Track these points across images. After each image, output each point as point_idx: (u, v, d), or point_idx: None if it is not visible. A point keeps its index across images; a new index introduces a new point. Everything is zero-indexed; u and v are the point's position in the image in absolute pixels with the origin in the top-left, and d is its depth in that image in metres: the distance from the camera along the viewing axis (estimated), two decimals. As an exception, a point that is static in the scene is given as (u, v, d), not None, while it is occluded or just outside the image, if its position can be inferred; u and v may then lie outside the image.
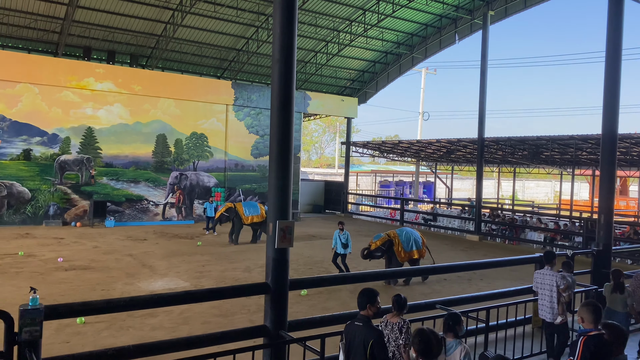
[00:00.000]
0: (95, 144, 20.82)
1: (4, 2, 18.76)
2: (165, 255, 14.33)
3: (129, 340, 7.30)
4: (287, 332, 5.33)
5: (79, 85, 20.12)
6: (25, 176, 19.41)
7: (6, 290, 9.91)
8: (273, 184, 5.50)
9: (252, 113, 24.79)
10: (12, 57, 19.10)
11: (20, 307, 4.11)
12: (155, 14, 21.23)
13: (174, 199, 22.67)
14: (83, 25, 20.58)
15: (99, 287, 10.33)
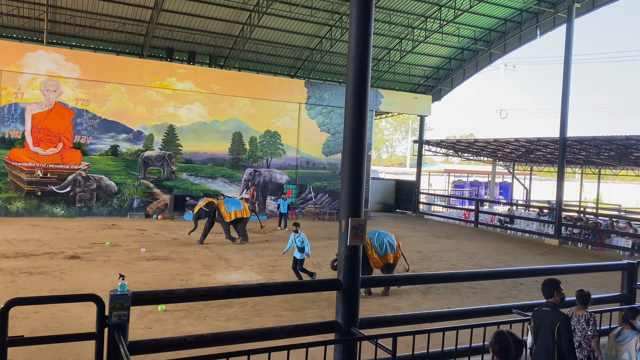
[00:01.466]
0: (176, 141, 21.85)
1: (95, 7, 20.10)
2: (239, 249, 14.79)
3: (206, 329, 7.63)
4: (358, 329, 5.35)
5: (162, 85, 21.20)
6: (112, 171, 20.73)
7: (95, 277, 10.64)
8: (346, 182, 5.53)
9: (324, 111, 25.00)
10: (103, 59, 20.45)
11: (110, 293, 4.40)
12: (234, 15, 21.93)
13: (248, 195, 23.34)
14: (166, 27, 21.64)
15: (179, 277, 10.84)
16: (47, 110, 19.50)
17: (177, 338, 4.67)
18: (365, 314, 6.79)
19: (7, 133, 18.92)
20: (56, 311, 8.05)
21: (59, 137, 19.74)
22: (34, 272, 10.65)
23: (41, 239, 14.78)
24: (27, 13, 19.61)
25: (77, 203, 19.97)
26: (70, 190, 19.87)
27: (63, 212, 19.70)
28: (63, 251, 13.05)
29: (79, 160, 20.04)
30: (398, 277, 6.42)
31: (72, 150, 19.95)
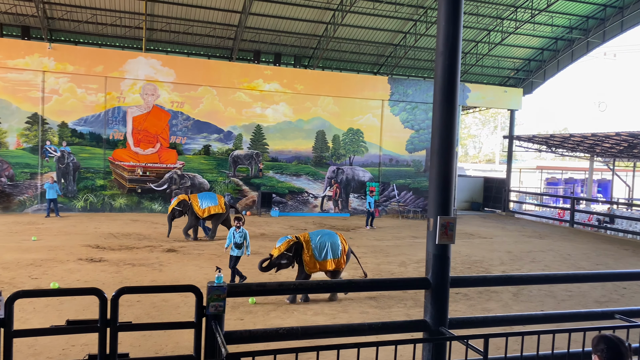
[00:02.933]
0: (263, 140, 22.56)
1: (189, 14, 21.20)
2: (324, 245, 14.98)
3: (294, 322, 7.83)
4: (447, 329, 5.26)
5: (250, 86, 21.97)
6: (205, 169, 21.80)
7: (190, 269, 11.25)
8: (434, 179, 5.44)
9: (408, 107, 24.67)
10: (195, 63, 21.55)
11: (207, 284, 4.64)
12: (318, 15, 22.22)
13: (331, 192, 23.58)
14: (253, 30, 22.37)
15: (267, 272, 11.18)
16: (145, 113, 20.89)
17: (269, 330, 4.84)
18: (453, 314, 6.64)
19: (111, 135, 20.50)
20: (157, 301, 8.62)
21: (157, 138, 21.08)
22: (136, 264, 11.47)
23: (141, 233, 15.87)
24: (128, 23, 21.08)
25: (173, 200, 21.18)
26: (167, 187, 21.16)
27: (160, 208, 21.01)
28: (161, 244, 13.93)
29: (174, 160, 21.29)
30: (490, 278, 6.22)
31: (169, 150, 21.23)
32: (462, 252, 14.69)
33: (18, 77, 19.28)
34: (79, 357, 6.08)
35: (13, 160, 19.46)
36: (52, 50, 19.44)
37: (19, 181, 19.50)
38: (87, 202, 20.22)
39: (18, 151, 19.55)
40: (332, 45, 23.84)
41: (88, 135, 20.28)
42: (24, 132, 19.55)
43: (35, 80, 19.47)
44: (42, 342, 6.54)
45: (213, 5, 20.87)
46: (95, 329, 4.39)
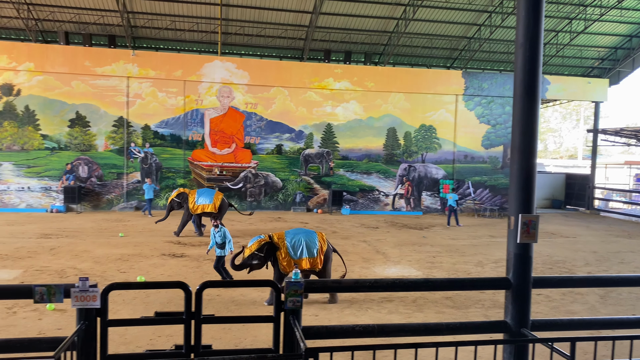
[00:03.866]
0: (333, 138, 22.69)
1: (262, 17, 21.70)
2: (396, 243, 14.87)
3: (368, 320, 7.84)
4: (529, 331, 5.06)
5: (320, 85, 22.17)
6: (277, 168, 22.26)
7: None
8: (515, 176, 5.25)
9: (483, 102, 23.88)
10: (268, 64, 22.04)
11: (285, 280, 4.75)
12: (388, 11, 22.02)
13: (403, 190, 23.30)
14: (324, 30, 22.54)
15: (340, 269, 11.26)
16: (222, 115, 21.64)
17: (346, 326, 4.87)
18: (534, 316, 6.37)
19: (190, 136, 21.43)
20: (235, 295, 8.92)
21: (232, 139, 21.78)
22: (214, 260, 11.90)
23: (219, 230, 16.46)
24: (204, 28, 21.92)
25: (248, 198, 21.84)
26: (242, 186, 21.83)
27: (236, 205, 21.69)
28: (237, 241, 14.37)
29: (249, 159, 21.91)
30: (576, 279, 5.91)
31: (244, 150, 21.88)
32: (543, 251, 14.04)
33: (105, 83, 20.61)
34: (165, 347, 6.42)
35: (101, 161, 20.83)
36: (136, 57, 20.61)
37: (107, 181, 20.84)
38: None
39: (106, 153, 20.89)
40: (403, 41, 23.54)
41: (169, 137, 21.31)
42: (111, 134, 20.87)
43: (121, 86, 20.72)
44: (132, 331, 6.97)
45: (284, 7, 21.24)
46: (180, 320, 4.62)
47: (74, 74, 20.25)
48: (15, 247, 12.80)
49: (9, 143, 20.12)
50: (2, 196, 20.02)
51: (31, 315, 7.72)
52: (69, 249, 12.77)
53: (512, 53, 25.16)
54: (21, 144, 20.20)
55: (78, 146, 20.63)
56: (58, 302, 4.55)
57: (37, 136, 20.33)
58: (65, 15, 20.78)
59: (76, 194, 20.00)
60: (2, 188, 20.03)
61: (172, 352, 4.66)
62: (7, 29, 21.31)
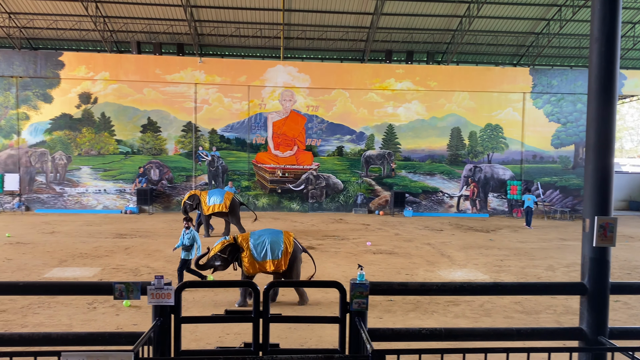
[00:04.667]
0: (395, 139, 22.50)
1: (323, 20, 21.88)
2: (462, 246, 14.53)
3: (434, 323, 7.71)
4: (607, 339, 4.81)
5: (382, 86, 22.06)
6: (338, 170, 22.34)
7: (328, 266, 11.61)
8: (590, 176, 5.01)
9: (553, 100, 22.88)
10: (329, 67, 22.19)
11: (350, 281, 4.77)
12: (451, 9, 21.59)
13: (468, 192, 22.73)
14: (385, 30, 22.42)
15: (403, 272, 11.16)
16: (284, 118, 22.01)
17: (412, 329, 4.83)
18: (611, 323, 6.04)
19: (254, 139, 21.94)
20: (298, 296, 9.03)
21: (294, 141, 22.09)
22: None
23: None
24: (267, 33, 22.39)
25: (310, 199, 22.07)
26: (304, 187, 22.09)
27: (298, 207, 21.99)
28: (301, 242, 14.56)
29: (310, 161, 22.14)
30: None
31: (305, 152, 22.14)
32: (620, 256, 13.26)
33: (175, 90, 21.50)
34: (233, 344, 6.62)
35: (172, 164, 21.73)
36: (203, 64, 21.36)
37: (177, 183, 21.72)
38: (234, 202, 21.84)
39: (175, 156, 21.78)
40: (467, 39, 22.99)
41: (234, 141, 21.92)
42: (180, 139, 21.73)
43: (189, 92, 21.54)
44: (202, 328, 7.23)
45: (345, 9, 21.31)
46: (249, 319, 4.75)
47: (146, 81, 21.27)
48: (93, 246, 13.60)
49: (87, 148, 21.41)
50: (81, 198, 21.33)
51: (109, 310, 8.18)
52: (142, 248, 13.41)
53: (584, 48, 23.95)
54: (98, 148, 21.45)
55: (150, 150, 21.63)
56: (135, 298, 4.81)
57: (112, 141, 21.51)
58: (137, 26, 21.86)
59: (148, 196, 20.99)
60: (81, 190, 21.33)
61: (241, 350, 4.80)
62: (86, 41, 22.70)
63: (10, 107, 21.04)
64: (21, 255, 12.25)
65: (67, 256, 12.25)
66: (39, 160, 21.26)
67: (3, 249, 12.98)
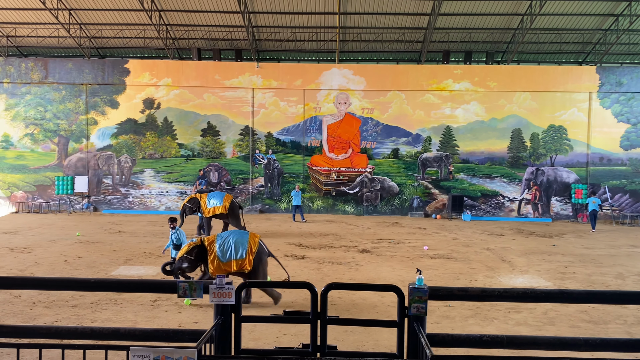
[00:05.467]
0: (452, 141, 22.06)
1: (378, 22, 21.79)
2: (523, 252, 14.04)
3: (494, 330, 7.49)
4: (686, 354, 4.51)
5: (439, 87, 21.70)
6: (393, 172, 22.15)
7: (384, 270, 11.53)
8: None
9: (622, 99, 21.73)
10: (384, 69, 22.06)
11: (409, 285, 4.72)
12: (512, 7, 20.94)
13: (530, 195, 21.95)
14: (443, 31, 22.04)
15: (462, 277, 10.92)
16: (338, 121, 22.08)
17: (473, 336, 4.71)
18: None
19: (309, 142, 22.13)
20: (355, 298, 9.03)
21: (349, 144, 22.11)
22: (334, 262, 12.17)
23: (337, 233, 16.79)
24: (323, 37, 22.54)
25: (364, 202, 22.00)
26: (359, 190, 22.05)
27: (353, 210, 21.97)
28: (356, 245, 14.55)
29: (365, 164, 22.08)
30: None
31: (360, 155, 22.10)
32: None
33: (233, 94, 22.04)
34: (290, 345, 6.69)
35: (230, 167, 22.27)
36: (260, 69, 21.79)
37: (235, 185, 22.24)
38: (290, 204, 22.12)
39: (233, 159, 22.31)
40: (528, 37, 22.22)
41: (289, 144, 22.20)
42: (238, 142, 22.25)
43: (247, 97, 22.03)
44: (260, 328, 7.36)
45: (402, 10, 21.12)
46: (307, 320, 4.79)
47: (205, 87, 21.94)
48: (156, 245, 14.14)
49: (151, 151, 22.31)
50: (145, 199, 22.24)
51: (172, 308, 8.47)
52: (202, 248, 13.80)
53: (657, 43, 22.58)
54: (161, 152, 22.30)
55: (209, 153, 22.27)
56: (198, 297, 4.96)
57: (174, 145, 22.31)
58: (197, 33, 22.59)
59: (207, 197, 21.58)
60: (145, 192, 22.24)
61: (299, 350, 4.85)
62: (149, 49, 23.68)
63: (80, 112, 22.26)
64: (90, 254, 12.91)
65: (132, 255, 12.81)
66: (106, 163, 22.35)
67: (74, 247, 13.73)
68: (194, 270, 8.73)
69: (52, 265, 11.47)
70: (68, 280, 6.15)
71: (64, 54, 23.89)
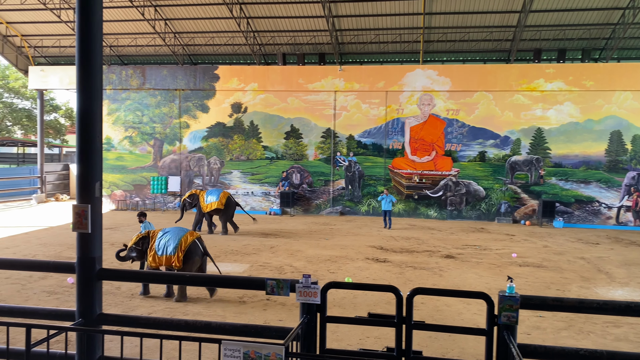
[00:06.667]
0: (544, 144, 20.95)
1: (465, 21, 21.19)
2: (622, 262, 13.05)
3: (590, 344, 7.04)
4: None
5: (529, 87, 20.70)
6: (480, 176, 21.41)
7: (470, 277, 11.19)
8: None
9: None
10: (471, 69, 21.40)
11: (499, 293, 4.56)
12: (611, 1, 19.56)
13: (631, 202, 20.34)
14: (534, 28, 21.03)
15: (553, 287, 10.36)
16: (422, 123, 21.71)
17: (568, 349, 4.47)
18: None
19: (390, 145, 21.96)
20: (439, 305, 8.84)
21: (432, 146, 21.67)
22: (417, 267, 11.99)
23: (419, 237, 16.52)
24: (407, 38, 22.29)
25: (448, 206, 21.46)
26: (442, 194, 21.54)
27: (436, 214, 21.51)
28: (439, 250, 14.24)
29: (449, 167, 21.53)
30: None
31: (444, 158, 21.59)
32: None
33: (315, 98, 22.37)
34: (373, 348, 6.68)
35: (311, 169, 22.62)
36: (342, 72, 21.95)
37: (316, 187, 22.55)
38: (370, 206, 22.07)
39: (315, 162, 22.63)
40: (630, 33, 20.62)
41: (371, 146, 22.16)
42: (319, 145, 22.54)
43: (329, 100, 22.27)
44: (342, 329, 7.42)
45: (490, 9, 20.41)
46: (392, 324, 4.77)
47: (289, 91, 22.45)
48: (242, 244, 14.67)
49: (238, 154, 23.18)
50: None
51: (257, 305, 8.75)
52: (285, 248, 14.15)
53: None
54: (247, 154, 23.11)
55: (292, 156, 22.76)
56: (285, 295, 5.10)
57: (259, 147, 23.03)
58: (282, 38, 23.18)
59: (290, 198, 22.09)
60: (232, 193, 23.13)
61: (384, 354, 4.84)
62: (237, 55, 24.63)
63: (174, 117, 23.60)
64: (182, 250, 13.63)
65: (220, 252, 13.37)
66: (197, 164, 23.51)
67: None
68: (142, 259, 9.64)
69: (148, 260, 12.25)
70: (165, 274, 6.56)
71: (159, 61, 25.46)
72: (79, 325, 5.26)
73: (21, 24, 24.24)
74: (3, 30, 24.66)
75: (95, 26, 5.38)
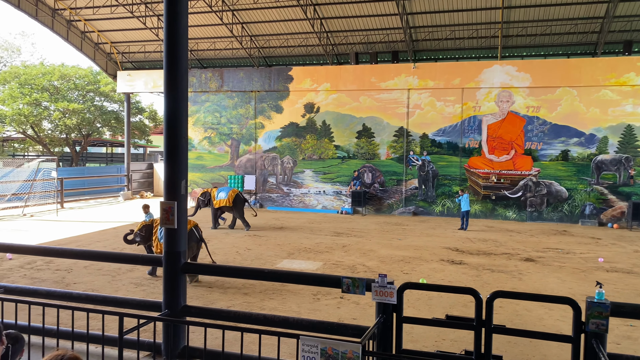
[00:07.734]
0: (634, 142, 19.57)
1: (547, 14, 20.21)
2: None
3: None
4: None
5: (618, 82, 19.41)
6: (562, 176, 20.34)
7: (551, 281, 10.68)
8: None
9: None
10: (553, 64, 20.37)
11: (587, 299, 4.35)
12: None
13: None
14: (624, 19, 19.70)
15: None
16: (500, 120, 20.94)
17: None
18: None
19: (466, 143, 21.37)
20: (519, 309, 8.52)
21: (511, 145, 20.85)
22: (494, 270, 11.61)
23: (497, 239, 15.96)
24: (484, 33, 21.60)
25: (528, 207, 20.56)
26: (522, 195, 20.67)
27: (514, 215, 20.68)
28: (518, 253, 13.69)
29: (529, 166, 20.63)
30: None
31: (523, 157, 20.71)
32: None
33: (388, 96, 22.20)
34: (450, 350, 6.55)
35: (383, 168, 22.47)
36: (416, 69, 21.62)
37: (388, 187, 22.39)
38: (445, 207, 21.60)
39: (387, 161, 22.47)
40: None
41: (445, 145, 21.67)
42: (392, 144, 22.35)
43: (402, 98, 22.02)
44: (417, 330, 7.33)
45: (575, 0, 19.34)
46: (470, 327, 4.67)
47: (362, 90, 22.43)
48: (315, 242, 14.86)
49: (310, 153, 23.49)
50: (304, 198, 23.48)
51: (331, 303, 8.84)
52: (357, 247, 14.17)
53: None
54: (319, 153, 23.36)
55: (364, 155, 22.74)
56: (360, 294, 5.13)
57: (331, 147, 23.21)
58: (355, 37, 23.21)
59: (361, 198, 22.07)
60: (304, 191, 23.49)
61: (462, 357, 4.75)
62: (310, 56, 24.96)
63: (250, 117, 24.30)
64: (258, 246, 14.04)
65: (293, 249, 13.63)
66: (271, 163, 24.08)
67: (244, 240, 15.06)
68: (147, 244, 10.57)
69: (226, 255, 12.71)
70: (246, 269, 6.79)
71: (236, 64, 26.31)
72: (166, 315, 5.58)
73: (110, 32, 25.95)
74: (95, 38, 26.50)
75: (181, 33, 5.68)
